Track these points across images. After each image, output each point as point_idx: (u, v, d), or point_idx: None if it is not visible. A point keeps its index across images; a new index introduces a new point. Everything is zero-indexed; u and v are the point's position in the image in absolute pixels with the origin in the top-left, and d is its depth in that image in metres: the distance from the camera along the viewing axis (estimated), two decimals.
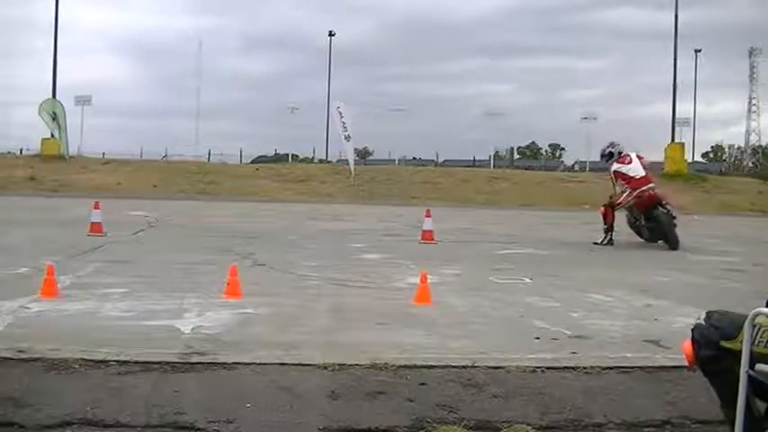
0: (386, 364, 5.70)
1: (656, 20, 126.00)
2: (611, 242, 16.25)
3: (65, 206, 24.17)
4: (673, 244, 15.70)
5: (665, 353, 6.38)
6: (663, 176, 33.11)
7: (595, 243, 16.30)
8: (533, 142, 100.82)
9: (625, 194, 16.39)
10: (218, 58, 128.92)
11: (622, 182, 16.62)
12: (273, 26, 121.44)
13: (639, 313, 8.44)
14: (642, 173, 16.49)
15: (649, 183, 16.51)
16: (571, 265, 12.77)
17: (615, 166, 16.73)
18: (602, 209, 16.65)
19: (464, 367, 5.77)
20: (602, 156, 17.54)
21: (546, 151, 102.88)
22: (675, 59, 46.34)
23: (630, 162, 16.61)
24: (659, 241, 16.11)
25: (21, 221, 18.62)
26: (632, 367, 6.00)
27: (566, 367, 5.94)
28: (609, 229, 16.34)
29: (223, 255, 12.52)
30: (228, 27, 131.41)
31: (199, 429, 4.47)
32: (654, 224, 16.15)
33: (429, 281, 8.61)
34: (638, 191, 16.23)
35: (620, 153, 16.92)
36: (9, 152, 54.20)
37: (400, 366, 5.68)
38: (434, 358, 6.00)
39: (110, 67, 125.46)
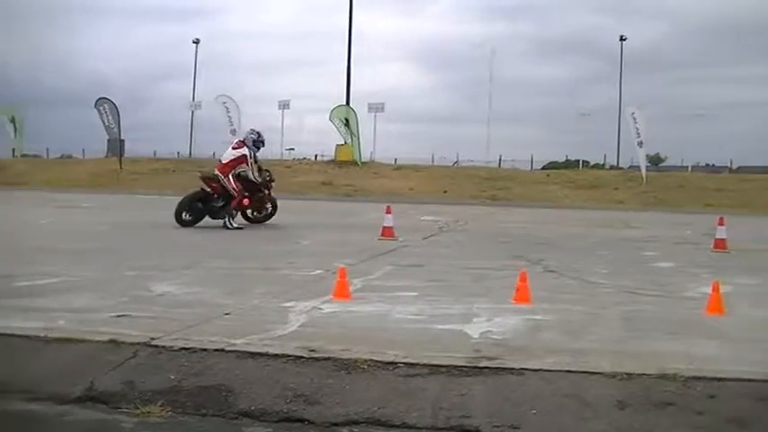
0: (675, 374, 5.53)
1: None
2: None
3: (358, 210, 25.22)
4: None
5: None
6: None
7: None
8: None
9: None
10: (509, 64, 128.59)
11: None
12: (565, 31, 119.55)
13: None
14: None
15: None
16: None
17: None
18: None
19: (757, 381, 5.48)
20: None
21: None
22: None
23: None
24: None
25: (315, 225, 19.75)
26: None
27: None
28: None
29: (513, 260, 12.57)
30: (519, 33, 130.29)
31: None
32: None
33: (722, 290, 8.26)
34: None
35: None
36: (305, 158, 57.12)
37: (689, 378, 5.49)
38: (726, 371, 5.72)
39: (401, 75, 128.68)
